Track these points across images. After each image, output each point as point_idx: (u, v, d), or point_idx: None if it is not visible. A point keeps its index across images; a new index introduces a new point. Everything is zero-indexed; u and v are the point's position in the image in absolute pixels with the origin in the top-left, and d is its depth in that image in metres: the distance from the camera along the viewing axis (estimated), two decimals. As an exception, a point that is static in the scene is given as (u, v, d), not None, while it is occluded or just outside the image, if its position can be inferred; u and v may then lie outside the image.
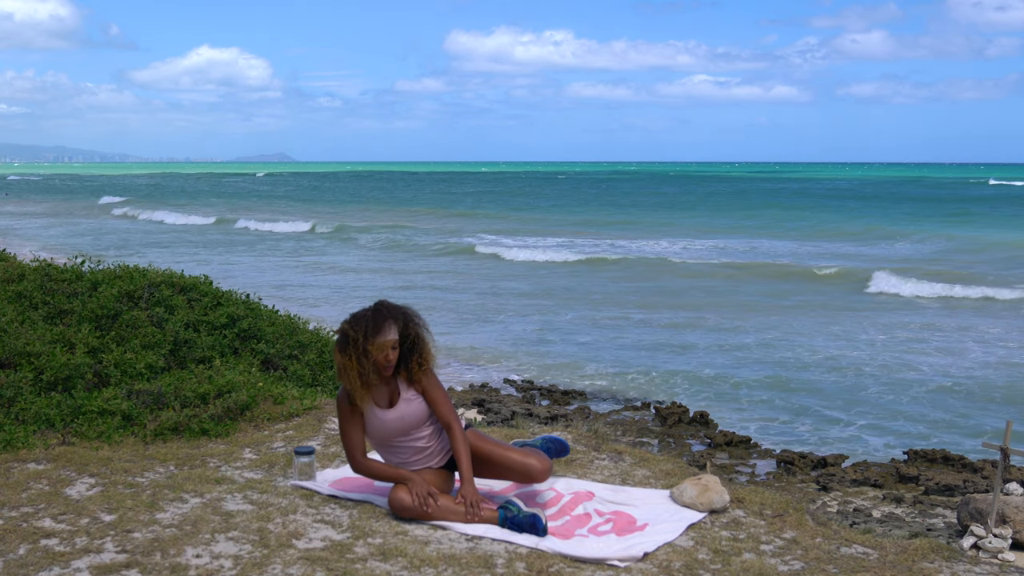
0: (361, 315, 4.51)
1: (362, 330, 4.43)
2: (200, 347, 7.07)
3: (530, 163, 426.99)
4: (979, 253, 31.25)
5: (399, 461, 4.66)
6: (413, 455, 4.65)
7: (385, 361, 4.47)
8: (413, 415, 4.59)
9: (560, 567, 4.02)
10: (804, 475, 9.47)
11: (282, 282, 24.11)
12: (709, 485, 4.74)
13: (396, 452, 4.66)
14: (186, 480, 4.96)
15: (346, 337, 4.46)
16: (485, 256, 31.12)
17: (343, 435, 4.61)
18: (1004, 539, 6.17)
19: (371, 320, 4.46)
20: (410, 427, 4.59)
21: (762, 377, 13.58)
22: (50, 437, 5.57)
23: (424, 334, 4.60)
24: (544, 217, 50.37)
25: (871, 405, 12.19)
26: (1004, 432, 5.84)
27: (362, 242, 36.73)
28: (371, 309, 4.54)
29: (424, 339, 4.59)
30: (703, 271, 26.85)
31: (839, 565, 4.10)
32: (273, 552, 4.06)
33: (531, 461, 4.64)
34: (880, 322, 18.41)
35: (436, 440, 4.69)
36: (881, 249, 33.24)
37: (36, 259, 8.61)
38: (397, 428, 4.57)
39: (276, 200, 70.58)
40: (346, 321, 4.53)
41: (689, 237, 38.05)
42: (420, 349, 4.57)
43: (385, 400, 4.58)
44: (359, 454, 4.61)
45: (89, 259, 8.40)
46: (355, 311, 4.59)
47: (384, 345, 4.43)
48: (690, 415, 11.36)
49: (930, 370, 14.07)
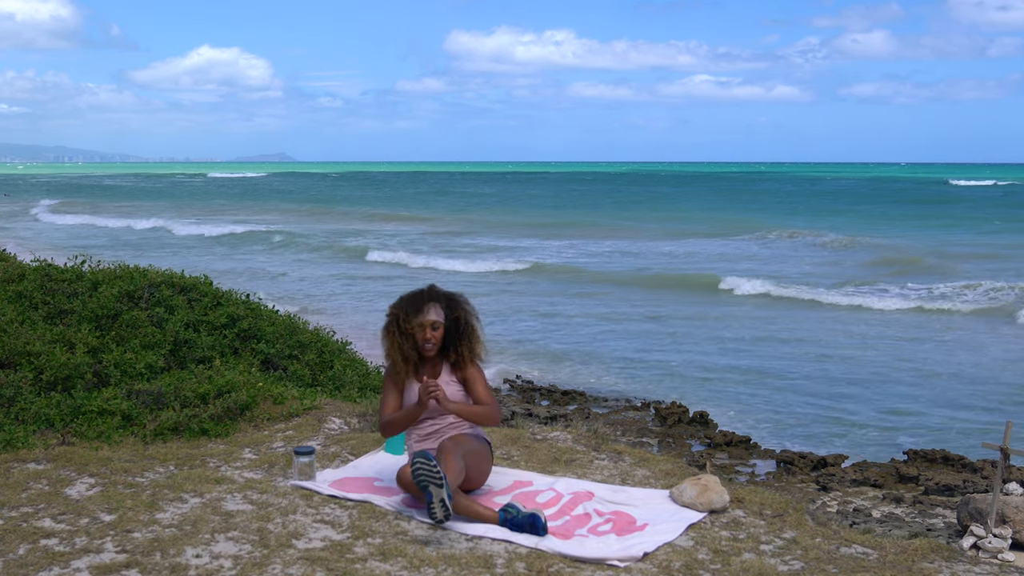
0: (405, 297, 4.81)
1: (403, 310, 4.72)
2: (200, 347, 7.07)
3: (530, 163, 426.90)
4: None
5: (419, 441, 4.80)
6: (428, 438, 4.78)
7: (424, 340, 4.69)
8: (448, 398, 4.71)
9: (560, 567, 4.02)
10: (804, 475, 9.46)
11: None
12: (709, 485, 4.74)
13: (420, 429, 4.80)
14: (186, 480, 4.96)
15: (390, 318, 4.76)
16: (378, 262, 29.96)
17: (381, 403, 4.83)
18: (1004, 539, 6.17)
19: (411, 300, 4.74)
20: (440, 409, 4.72)
21: (763, 377, 13.58)
22: (50, 437, 5.57)
23: (473, 321, 4.81)
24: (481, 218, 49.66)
25: (871, 406, 12.18)
26: (1004, 432, 5.84)
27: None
28: (416, 291, 4.81)
29: (473, 326, 4.80)
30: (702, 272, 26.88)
31: (839, 565, 4.10)
32: (273, 552, 4.06)
33: (480, 410, 4.75)
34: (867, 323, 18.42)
35: (462, 426, 4.82)
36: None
37: (36, 259, 8.61)
38: (429, 405, 4.68)
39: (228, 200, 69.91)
40: (393, 303, 4.81)
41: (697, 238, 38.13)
42: (469, 335, 4.78)
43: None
44: (384, 416, 4.78)
45: (89, 259, 8.40)
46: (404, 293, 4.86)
47: (424, 324, 4.68)
48: (690, 415, 11.36)
49: (931, 369, 14.08)
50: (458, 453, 4.52)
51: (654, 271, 26.51)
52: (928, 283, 22.92)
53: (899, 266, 27.13)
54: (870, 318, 18.97)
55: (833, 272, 26.29)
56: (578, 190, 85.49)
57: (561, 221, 46.13)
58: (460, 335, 4.76)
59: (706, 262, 28.96)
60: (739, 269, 26.22)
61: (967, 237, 37.02)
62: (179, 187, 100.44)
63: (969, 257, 29.17)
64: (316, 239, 35.96)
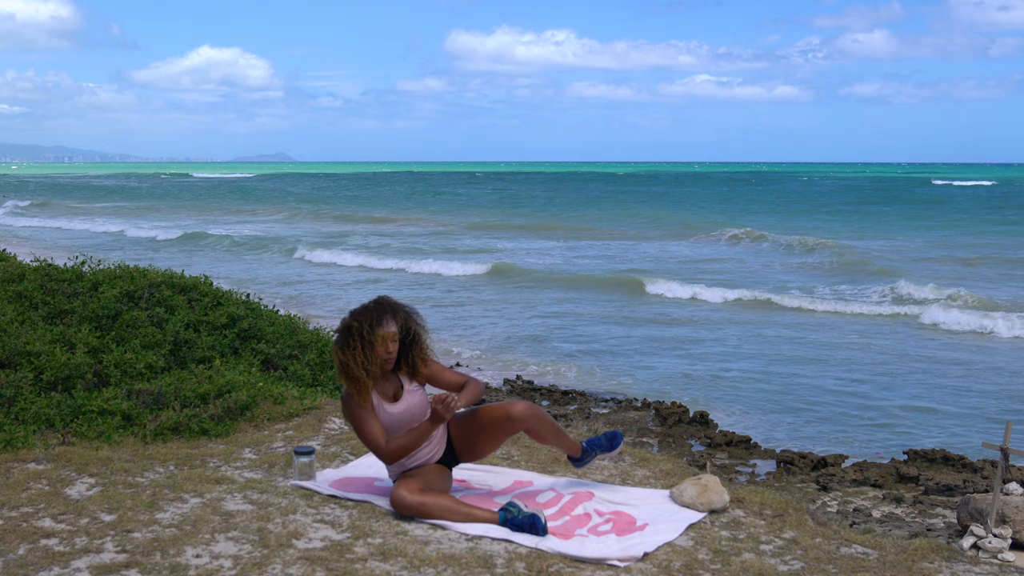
0: (363, 308, 4.65)
1: (367, 320, 4.56)
2: (200, 347, 7.07)
3: (529, 163, 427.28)
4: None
5: (409, 456, 4.70)
6: (417, 449, 4.69)
7: (386, 353, 4.59)
8: (418, 405, 4.71)
9: (560, 567, 4.02)
10: (804, 475, 9.46)
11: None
12: (709, 485, 4.74)
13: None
14: (186, 480, 4.96)
15: (349, 330, 4.56)
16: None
17: (361, 432, 4.63)
18: (1004, 539, 6.16)
19: (373, 311, 4.59)
20: (416, 417, 4.69)
21: (762, 376, 13.58)
22: (50, 437, 5.58)
23: (422, 332, 4.73)
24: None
25: (872, 404, 12.19)
26: (1004, 432, 5.84)
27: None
28: (372, 302, 4.68)
29: (421, 336, 4.72)
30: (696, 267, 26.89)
31: (839, 565, 4.10)
32: (273, 552, 4.06)
33: (512, 407, 4.70)
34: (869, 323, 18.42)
35: (439, 430, 4.77)
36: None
37: (36, 259, 8.61)
38: (404, 420, 4.66)
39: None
40: (348, 315, 4.65)
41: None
42: (419, 344, 4.72)
43: (390, 395, 4.70)
44: (383, 442, 4.60)
45: (90, 259, 8.40)
46: (355, 307, 4.71)
47: (385, 337, 4.56)
48: (690, 415, 11.35)
49: (933, 368, 14.09)
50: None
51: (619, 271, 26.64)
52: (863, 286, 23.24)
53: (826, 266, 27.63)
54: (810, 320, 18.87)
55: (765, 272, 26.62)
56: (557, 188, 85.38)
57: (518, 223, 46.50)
58: (411, 346, 4.69)
59: (641, 263, 29.15)
60: (687, 272, 26.12)
61: (932, 237, 37.10)
62: (162, 186, 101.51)
63: (915, 260, 29.28)
64: (252, 239, 36.10)
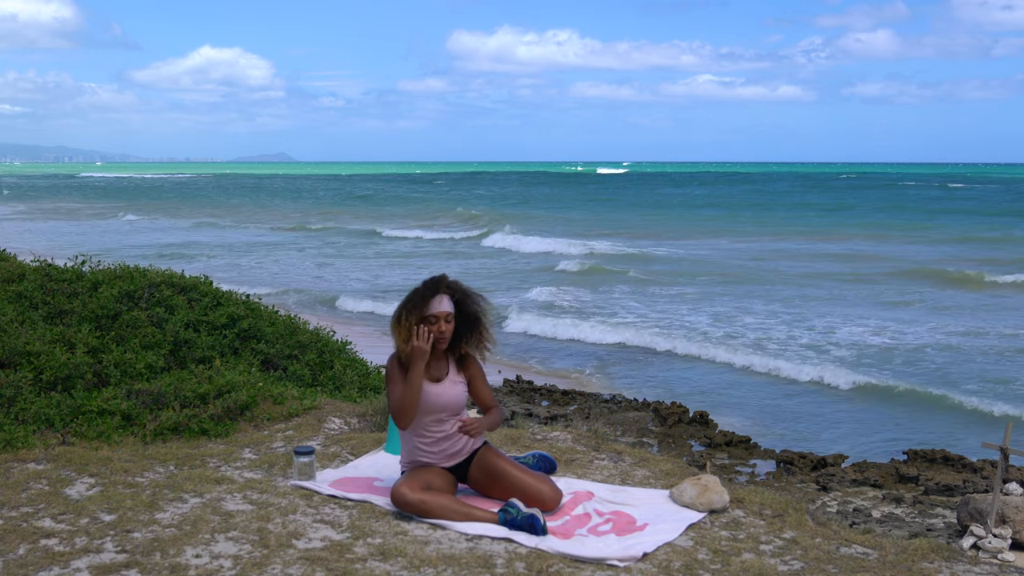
0: (421, 285, 4.69)
1: (418, 297, 4.61)
2: (200, 347, 7.07)
3: (530, 163, 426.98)
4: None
5: (422, 449, 4.73)
6: (434, 444, 4.72)
7: (439, 332, 4.60)
8: (453, 398, 4.69)
9: (560, 567, 4.01)
10: (804, 475, 9.46)
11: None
12: (709, 485, 4.74)
13: (423, 437, 4.72)
14: (186, 480, 4.96)
15: (403, 305, 4.63)
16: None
17: (388, 392, 4.70)
18: (1004, 539, 6.17)
19: (425, 290, 4.63)
20: (445, 408, 4.68)
21: (762, 376, 13.58)
22: (50, 437, 5.57)
23: (481, 315, 4.72)
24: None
25: (872, 405, 12.19)
26: (1004, 432, 5.84)
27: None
28: (431, 279, 4.70)
29: (482, 320, 4.72)
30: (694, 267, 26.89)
31: (839, 565, 4.10)
32: (273, 552, 4.06)
33: (544, 488, 4.68)
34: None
35: (456, 438, 4.75)
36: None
37: (36, 259, 8.61)
38: (435, 405, 4.66)
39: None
40: (408, 293, 4.70)
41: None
42: (479, 329, 4.72)
43: (433, 376, 4.69)
44: (393, 402, 4.69)
45: (89, 259, 8.40)
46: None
47: (438, 316, 4.59)
48: (690, 415, 11.36)
49: (934, 368, 14.08)
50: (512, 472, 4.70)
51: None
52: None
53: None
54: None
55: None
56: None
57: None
58: (471, 331, 4.71)
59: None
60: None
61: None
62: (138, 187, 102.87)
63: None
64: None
